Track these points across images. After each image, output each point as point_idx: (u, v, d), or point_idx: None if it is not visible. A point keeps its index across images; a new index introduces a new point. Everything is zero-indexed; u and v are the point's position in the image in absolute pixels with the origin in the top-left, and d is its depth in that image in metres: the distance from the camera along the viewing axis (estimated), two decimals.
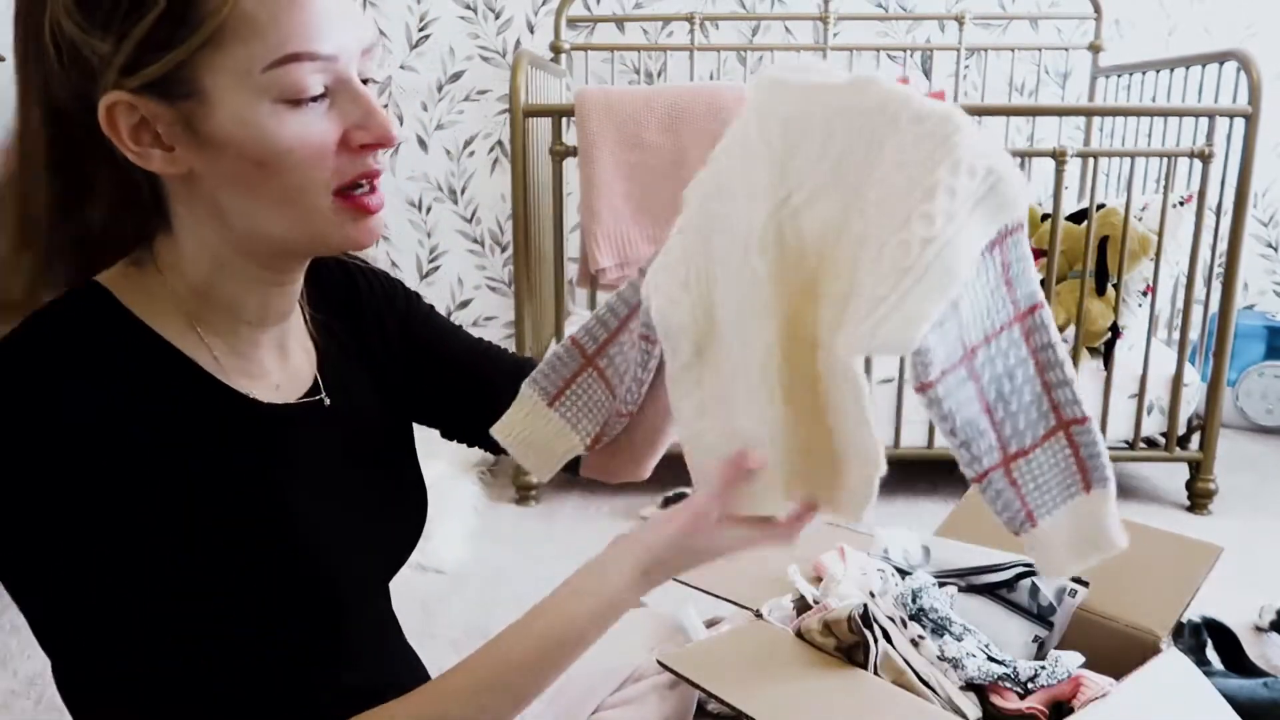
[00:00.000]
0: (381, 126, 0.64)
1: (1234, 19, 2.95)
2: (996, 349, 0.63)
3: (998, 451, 0.65)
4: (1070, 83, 3.01)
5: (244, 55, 0.59)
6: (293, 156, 0.62)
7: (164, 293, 0.67)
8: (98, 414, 0.60)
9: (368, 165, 0.65)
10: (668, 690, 1.04)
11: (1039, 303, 0.63)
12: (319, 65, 0.61)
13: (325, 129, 0.63)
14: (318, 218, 0.65)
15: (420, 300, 0.91)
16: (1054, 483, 0.66)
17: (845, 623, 1.05)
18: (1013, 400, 0.64)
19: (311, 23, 0.60)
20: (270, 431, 0.71)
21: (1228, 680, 1.38)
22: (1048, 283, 2.22)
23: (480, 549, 2.03)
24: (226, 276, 0.68)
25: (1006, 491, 0.66)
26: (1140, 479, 2.51)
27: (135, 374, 0.63)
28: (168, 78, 0.60)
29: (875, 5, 2.98)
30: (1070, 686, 1.04)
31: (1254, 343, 2.85)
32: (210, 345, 0.69)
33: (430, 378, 0.88)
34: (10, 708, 1.52)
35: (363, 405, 0.81)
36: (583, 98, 2.15)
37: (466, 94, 3.01)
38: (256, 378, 0.72)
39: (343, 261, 0.86)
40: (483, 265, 3.13)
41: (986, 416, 0.64)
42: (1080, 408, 0.65)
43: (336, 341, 0.82)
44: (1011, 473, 0.65)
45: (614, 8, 2.98)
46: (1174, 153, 2.19)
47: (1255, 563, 1.94)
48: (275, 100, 0.60)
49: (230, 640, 0.64)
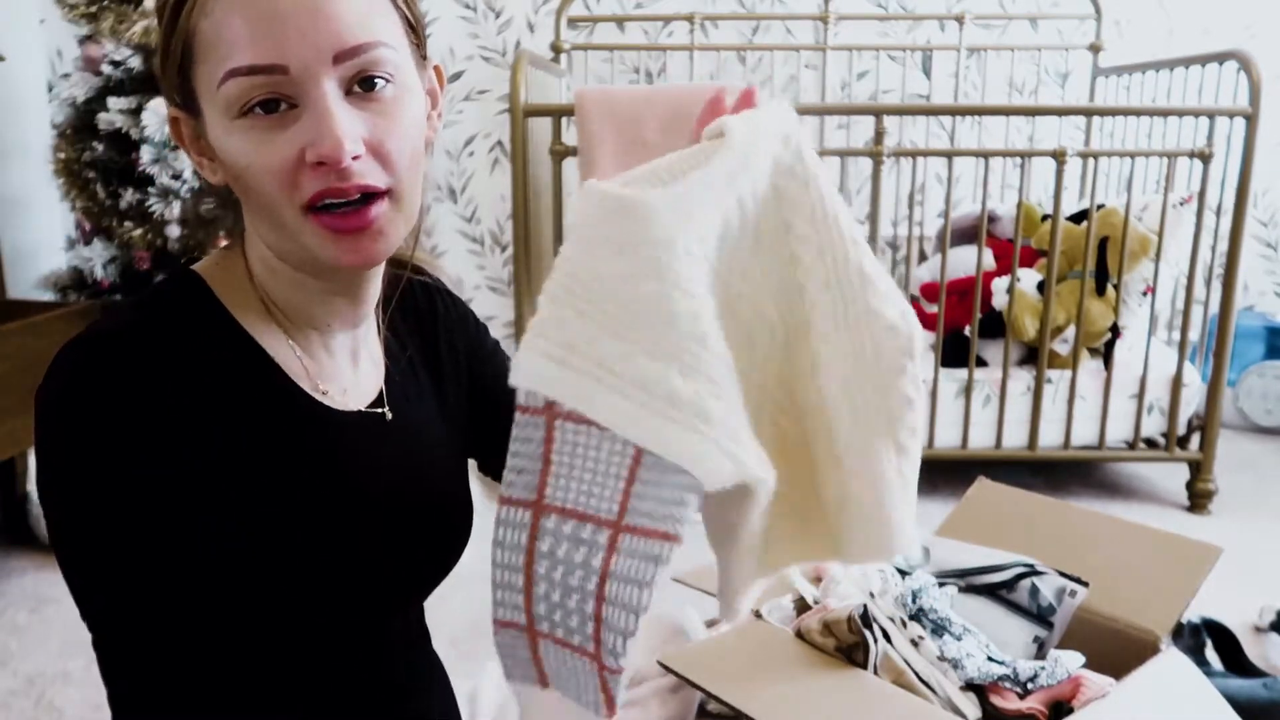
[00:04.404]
0: (327, 143, 0.59)
1: (1234, 19, 2.95)
2: (570, 532, 0.55)
3: (522, 615, 0.57)
4: (1070, 83, 3.01)
5: (206, 72, 0.61)
6: (250, 171, 0.62)
7: (249, 288, 0.70)
8: (171, 410, 0.61)
9: (326, 182, 0.61)
10: (669, 694, 1.04)
11: (673, 533, 0.54)
12: (261, 80, 0.59)
13: (279, 144, 0.61)
14: (297, 233, 0.64)
15: (488, 334, 0.92)
16: (573, 682, 0.59)
17: (845, 623, 1.05)
18: (555, 594, 0.56)
19: (249, 36, 0.59)
20: (330, 435, 0.71)
21: (1227, 680, 1.38)
22: (1048, 283, 2.22)
23: (480, 549, 2.04)
24: (280, 281, 0.70)
25: (522, 652, 0.59)
26: (1140, 479, 2.51)
27: (217, 369, 0.65)
28: (183, 93, 0.64)
29: (875, 5, 2.98)
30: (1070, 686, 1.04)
31: (1254, 343, 2.85)
32: (293, 345, 0.71)
33: (483, 411, 0.88)
34: (10, 708, 1.53)
35: (423, 423, 0.81)
36: (583, 98, 2.15)
37: (466, 94, 3.01)
38: (326, 381, 0.73)
39: (425, 283, 0.87)
40: (483, 265, 3.13)
41: (524, 579, 0.57)
42: (620, 661, 0.55)
43: (407, 357, 0.82)
44: (537, 647, 0.58)
45: (614, 8, 2.98)
46: (1174, 153, 2.19)
47: (1255, 563, 1.94)
48: (232, 116, 0.61)
49: (265, 631, 0.65)
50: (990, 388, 2.31)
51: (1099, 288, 2.28)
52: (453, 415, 0.86)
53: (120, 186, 2.10)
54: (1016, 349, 2.36)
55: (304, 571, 0.67)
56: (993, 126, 2.97)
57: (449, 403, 0.85)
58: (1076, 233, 2.33)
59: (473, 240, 3.12)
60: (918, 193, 2.92)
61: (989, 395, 2.30)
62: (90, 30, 2.13)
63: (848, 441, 0.64)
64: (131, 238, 2.10)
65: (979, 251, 2.25)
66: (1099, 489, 2.44)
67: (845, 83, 3.02)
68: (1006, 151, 2.32)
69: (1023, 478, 2.40)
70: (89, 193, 2.13)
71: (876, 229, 2.23)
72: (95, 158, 2.11)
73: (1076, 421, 2.31)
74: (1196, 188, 2.20)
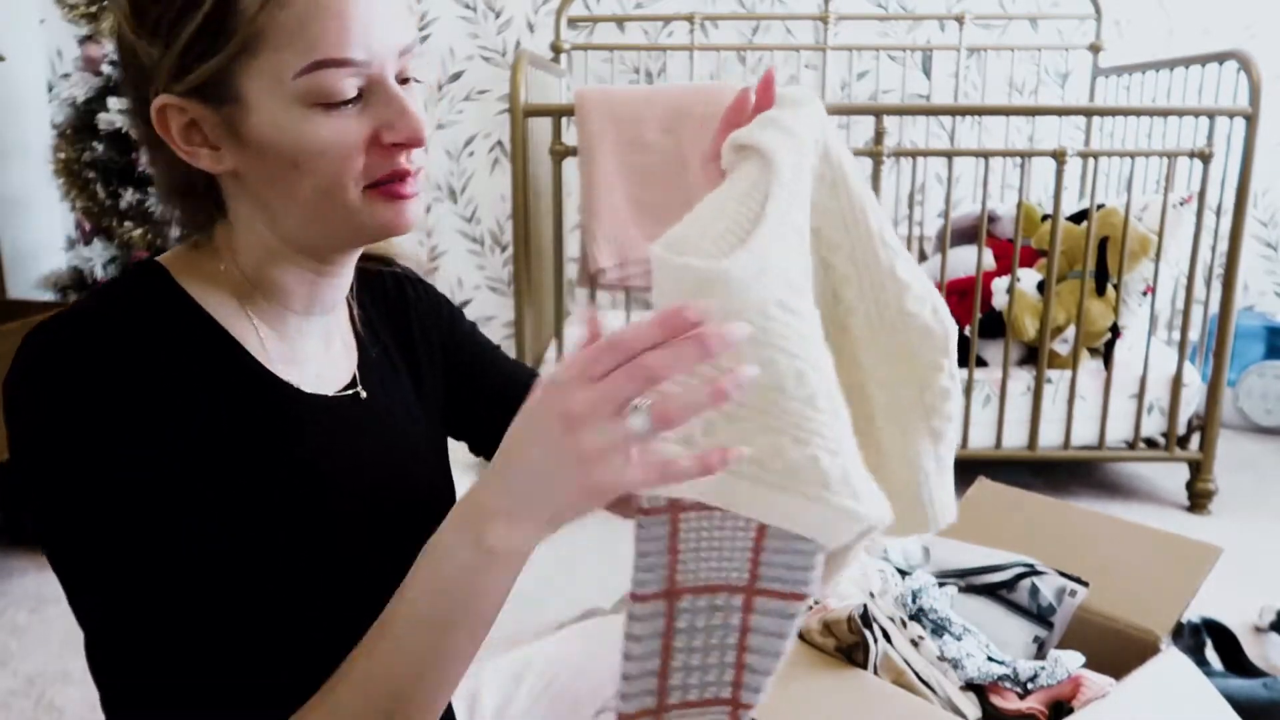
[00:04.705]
0: (410, 126, 0.65)
1: (1234, 19, 2.95)
2: (706, 604, 0.58)
3: (653, 698, 0.59)
4: (1070, 83, 3.01)
5: (277, 62, 0.62)
6: (324, 158, 0.64)
7: (219, 275, 0.70)
8: (141, 386, 0.61)
9: (397, 164, 0.66)
10: None
11: (802, 594, 0.57)
12: (350, 70, 0.63)
13: (356, 130, 0.64)
14: (351, 210, 0.67)
15: (463, 318, 0.94)
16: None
17: (845, 623, 1.05)
18: (695, 659, 0.59)
19: (342, 29, 0.62)
20: (305, 417, 0.72)
21: (1228, 680, 1.38)
22: (1048, 283, 2.22)
23: None
24: (276, 265, 0.71)
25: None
26: (1140, 479, 2.51)
27: (181, 349, 0.65)
28: (210, 83, 0.63)
29: (875, 5, 2.98)
30: (1070, 686, 1.04)
31: (1254, 343, 2.85)
32: (258, 328, 0.71)
33: (466, 394, 0.90)
34: (10, 707, 1.53)
35: (399, 406, 0.82)
36: (583, 98, 2.15)
37: (466, 94, 3.01)
38: (298, 364, 0.74)
39: (395, 271, 0.88)
40: (483, 265, 3.13)
41: (660, 662, 0.59)
42: (759, 697, 0.60)
43: (381, 343, 0.84)
44: None
45: (614, 8, 2.98)
46: (1174, 153, 2.19)
47: (1255, 563, 1.94)
48: (307, 105, 0.63)
49: (248, 617, 0.65)
50: (990, 388, 2.31)
51: (1099, 288, 2.28)
52: (429, 398, 0.87)
53: (120, 186, 2.11)
54: (1016, 349, 2.36)
55: (286, 550, 0.67)
56: (993, 126, 2.97)
57: (425, 386, 0.87)
58: (1076, 233, 2.33)
59: (473, 240, 3.11)
60: (918, 193, 2.92)
61: (989, 395, 2.30)
62: (90, 30, 2.14)
63: (888, 433, 0.65)
64: (131, 238, 2.10)
65: (979, 251, 2.25)
66: (1099, 489, 2.44)
67: (845, 83, 3.02)
68: (1006, 151, 2.32)
69: (1023, 478, 2.40)
70: (89, 193, 2.13)
71: None
72: (95, 158, 2.11)
73: (1076, 421, 2.31)
74: (1196, 188, 2.20)
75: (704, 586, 0.57)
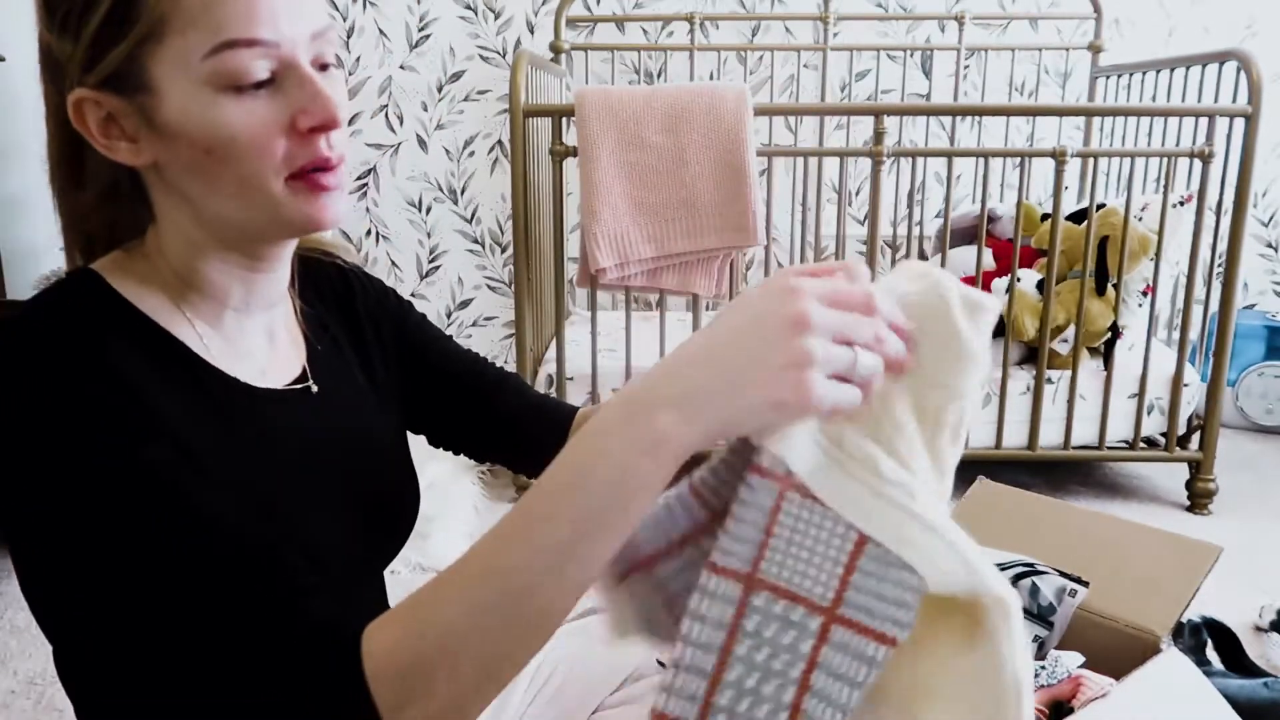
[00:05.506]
0: (325, 109, 0.64)
1: (1234, 19, 2.95)
2: (780, 612, 0.52)
3: (695, 706, 0.51)
4: (1070, 83, 3.01)
5: (183, 45, 0.61)
6: (238, 143, 0.63)
7: (152, 276, 0.70)
8: (86, 391, 0.60)
9: (318, 151, 0.65)
10: None
11: (890, 636, 0.51)
12: (258, 51, 0.62)
13: (269, 114, 0.63)
14: (273, 201, 0.65)
15: (413, 308, 0.94)
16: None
17: None
18: (751, 679, 0.51)
19: (248, 9, 0.61)
20: (256, 411, 0.71)
21: (1228, 680, 1.38)
22: (1047, 282, 2.22)
23: None
24: (204, 261, 0.70)
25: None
26: (1140, 479, 2.51)
27: (122, 352, 0.64)
28: (120, 72, 0.63)
29: (875, 5, 2.98)
30: (1070, 686, 1.04)
31: (1254, 343, 2.85)
32: (196, 326, 0.71)
33: (419, 385, 0.90)
34: (10, 708, 1.52)
35: (353, 398, 0.82)
36: (583, 98, 2.15)
37: (466, 94, 3.01)
38: (242, 360, 0.73)
39: (339, 264, 0.88)
40: (483, 265, 3.13)
41: (717, 661, 0.51)
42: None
43: (329, 336, 0.83)
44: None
45: (614, 8, 2.98)
46: (1174, 153, 2.19)
47: (1255, 563, 1.94)
48: (217, 88, 0.62)
49: (215, 617, 0.64)
50: (990, 387, 2.31)
51: (1099, 287, 2.28)
52: (385, 389, 0.87)
53: None
54: (1016, 349, 2.36)
55: (249, 545, 0.65)
56: (992, 126, 2.97)
57: (379, 377, 0.86)
58: (1076, 232, 2.33)
59: (473, 240, 3.11)
60: (917, 193, 2.92)
61: (989, 395, 2.30)
62: None
63: None
64: None
65: (979, 251, 2.25)
66: (1099, 489, 2.44)
67: (845, 83, 3.02)
68: (1006, 151, 2.32)
69: (1023, 478, 2.40)
70: None
71: (876, 229, 2.23)
72: None
73: (1076, 421, 2.31)
74: (1196, 187, 2.20)
75: (784, 590, 0.51)
